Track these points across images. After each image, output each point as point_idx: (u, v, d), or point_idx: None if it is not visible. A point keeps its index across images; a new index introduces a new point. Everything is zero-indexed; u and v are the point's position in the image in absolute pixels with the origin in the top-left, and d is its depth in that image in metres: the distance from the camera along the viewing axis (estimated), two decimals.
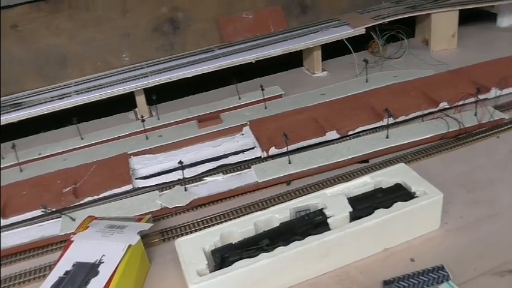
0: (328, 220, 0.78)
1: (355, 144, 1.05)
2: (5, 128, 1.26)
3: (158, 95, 1.28)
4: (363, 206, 0.80)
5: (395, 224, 0.77)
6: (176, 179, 1.02)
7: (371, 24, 1.45)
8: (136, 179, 1.05)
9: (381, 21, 1.46)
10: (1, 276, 0.87)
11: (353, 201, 0.80)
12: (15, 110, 1.27)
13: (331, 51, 1.50)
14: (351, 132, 1.10)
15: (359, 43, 1.49)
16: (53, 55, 1.43)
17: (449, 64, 1.36)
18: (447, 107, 1.13)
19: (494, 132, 1.06)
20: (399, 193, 0.81)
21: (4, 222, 0.98)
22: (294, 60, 1.52)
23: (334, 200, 0.81)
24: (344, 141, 1.08)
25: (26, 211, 0.98)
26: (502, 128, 1.07)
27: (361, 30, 1.43)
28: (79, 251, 0.77)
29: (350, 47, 1.43)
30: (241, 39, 1.51)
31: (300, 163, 1.01)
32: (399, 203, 0.78)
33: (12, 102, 1.33)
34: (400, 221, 0.77)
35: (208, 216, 0.92)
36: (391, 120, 1.08)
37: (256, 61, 1.37)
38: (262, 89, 1.25)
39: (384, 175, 0.86)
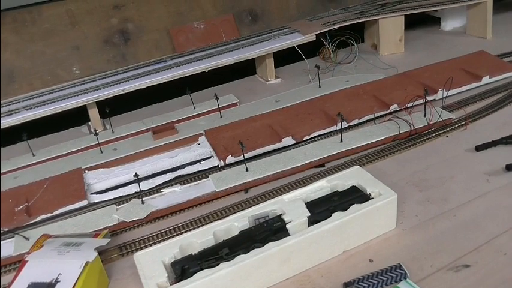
0: (287, 226, 0.78)
1: (310, 149, 1.06)
2: None
3: (111, 107, 1.26)
4: (320, 209, 0.81)
5: (353, 226, 0.78)
6: (133, 192, 1.01)
7: (321, 31, 1.48)
8: (91, 194, 1.03)
9: (331, 28, 1.49)
10: None
11: (310, 205, 0.82)
12: None
13: (284, 58, 1.52)
14: (306, 138, 1.11)
15: (310, 50, 1.52)
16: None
17: (398, 67, 1.40)
18: (398, 109, 1.16)
19: (443, 132, 1.10)
20: (355, 195, 0.83)
21: None
22: (247, 68, 1.54)
23: (292, 205, 0.82)
24: (300, 146, 1.09)
25: None
26: (451, 128, 1.11)
27: (311, 37, 1.46)
28: (34, 271, 0.75)
29: (302, 53, 1.45)
30: (194, 48, 1.51)
31: (257, 170, 1.01)
32: (355, 205, 0.79)
33: None
34: (357, 222, 0.78)
35: (167, 228, 0.91)
36: (345, 124, 1.11)
37: (209, 70, 1.37)
38: (217, 98, 1.25)
39: (340, 178, 0.87)
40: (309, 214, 0.79)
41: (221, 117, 1.25)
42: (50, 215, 0.97)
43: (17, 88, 1.40)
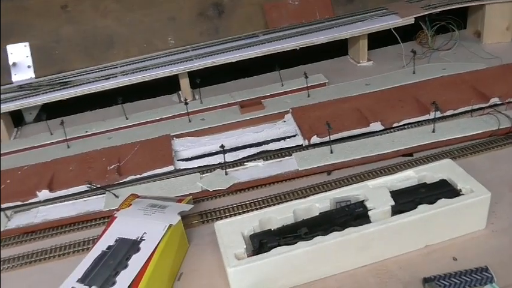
0: (369, 212, 0.77)
1: (399, 137, 1.03)
2: (54, 105, 1.30)
3: (202, 78, 1.29)
4: (405, 200, 0.78)
5: (439, 221, 0.75)
6: (217, 162, 1.03)
7: (420, 14, 1.41)
8: (178, 160, 1.06)
9: (431, 11, 1.42)
10: (47, 246, 0.90)
11: (395, 194, 0.79)
12: (63, 88, 1.30)
13: (378, 40, 1.47)
14: (395, 125, 1.07)
15: (407, 33, 1.45)
16: (100, 36, 1.45)
17: (503, 58, 1.30)
18: (498, 103, 1.09)
19: None
20: (444, 189, 0.79)
21: (51, 195, 1.01)
22: (338, 49, 1.50)
23: (376, 192, 0.80)
24: (388, 133, 1.06)
25: (72, 186, 1.02)
26: None
27: (410, 20, 1.39)
28: (122, 227, 0.79)
29: (398, 36, 1.39)
30: (286, 25, 1.50)
31: (341, 153, 0.99)
32: (444, 199, 0.76)
33: (60, 81, 1.37)
34: (444, 218, 0.75)
35: (248, 201, 0.93)
36: (438, 114, 1.05)
37: (300, 48, 1.35)
38: (306, 77, 1.24)
39: (429, 170, 0.84)
40: (393, 203, 0.77)
41: (309, 96, 1.24)
42: (138, 176, 1.02)
43: (115, 54, 1.47)
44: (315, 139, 1.04)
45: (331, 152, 1.00)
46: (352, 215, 0.77)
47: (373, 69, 1.41)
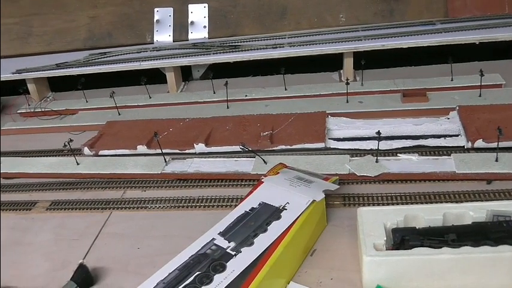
0: None
1: None
2: (221, 66, 1.38)
3: (366, 60, 1.25)
4: None
5: None
6: (369, 148, 1.01)
7: None
8: (329, 138, 1.06)
9: None
10: (194, 196, 0.97)
11: None
12: (232, 52, 1.37)
13: None
14: None
15: None
16: (275, 5, 1.49)
17: None
18: None
19: None
20: None
21: (206, 149, 1.08)
22: None
23: None
24: None
25: (226, 144, 1.07)
26: None
27: None
28: (267, 193, 0.81)
29: None
30: (469, 16, 1.39)
31: (508, 163, 0.90)
32: None
33: (230, 44, 1.44)
34: None
35: (394, 193, 0.89)
36: None
37: (479, 43, 1.25)
38: (482, 75, 1.13)
39: None
40: None
41: (480, 95, 1.14)
42: (288, 147, 1.04)
43: (285, 24, 1.50)
44: (479, 143, 0.96)
45: (496, 160, 0.91)
46: (510, 232, 0.70)
47: None
